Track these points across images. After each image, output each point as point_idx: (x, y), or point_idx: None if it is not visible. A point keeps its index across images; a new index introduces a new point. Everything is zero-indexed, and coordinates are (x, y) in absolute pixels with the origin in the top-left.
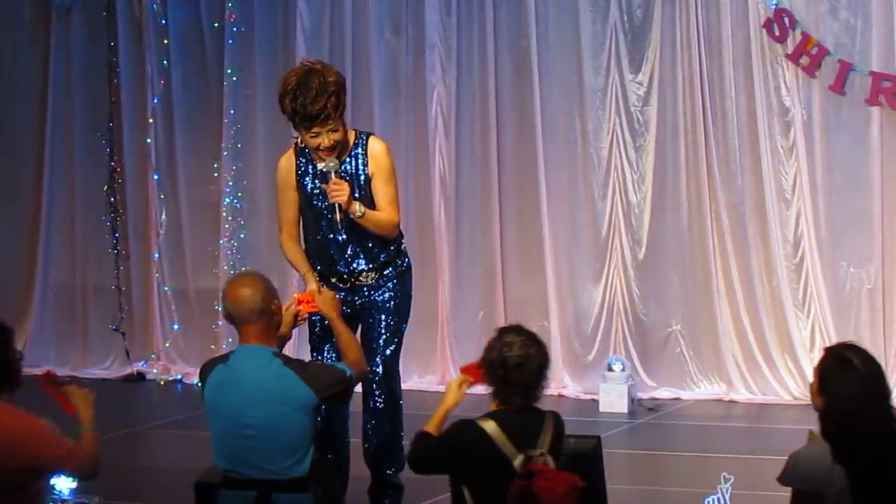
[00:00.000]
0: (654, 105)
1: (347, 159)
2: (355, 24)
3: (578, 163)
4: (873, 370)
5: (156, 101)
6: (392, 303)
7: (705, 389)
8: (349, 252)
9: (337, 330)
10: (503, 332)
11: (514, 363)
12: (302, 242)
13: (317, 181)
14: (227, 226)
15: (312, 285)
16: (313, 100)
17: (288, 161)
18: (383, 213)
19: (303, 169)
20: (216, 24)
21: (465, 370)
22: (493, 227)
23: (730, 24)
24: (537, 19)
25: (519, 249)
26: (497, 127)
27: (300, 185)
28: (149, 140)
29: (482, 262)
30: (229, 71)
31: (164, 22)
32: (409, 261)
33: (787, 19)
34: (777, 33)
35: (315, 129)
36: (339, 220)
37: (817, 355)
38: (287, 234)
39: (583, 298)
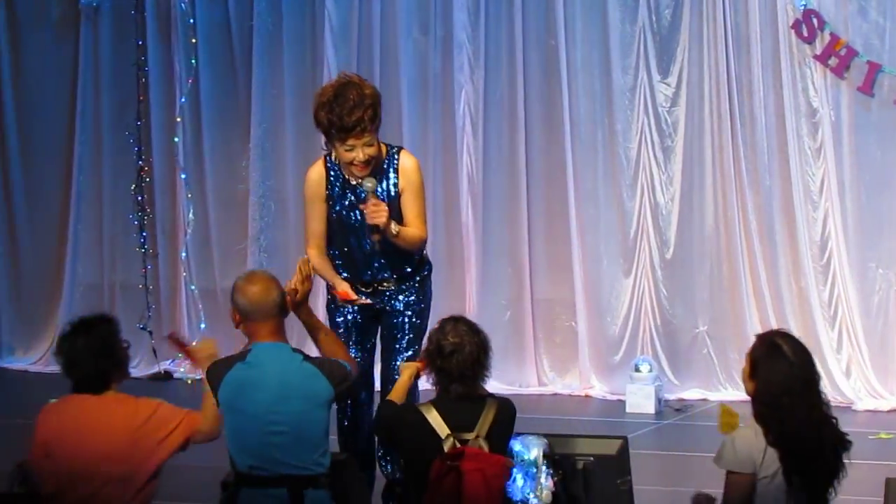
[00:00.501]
0: (682, 106)
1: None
2: (383, 23)
3: (606, 163)
4: (802, 356)
5: (184, 100)
6: (415, 306)
7: (732, 391)
8: (376, 265)
9: (318, 335)
10: (443, 322)
11: (448, 350)
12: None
13: (347, 192)
14: (254, 225)
15: (343, 285)
16: (350, 111)
17: (317, 173)
18: (414, 230)
19: (332, 181)
20: (244, 24)
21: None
22: (521, 226)
23: (758, 25)
24: (566, 19)
25: (546, 249)
26: (525, 127)
27: (329, 198)
28: (176, 139)
29: (510, 262)
30: (257, 70)
31: (192, 21)
32: (430, 266)
33: (815, 20)
34: (805, 34)
35: (350, 142)
36: (375, 240)
37: (845, 357)
38: (315, 247)
39: (610, 299)
